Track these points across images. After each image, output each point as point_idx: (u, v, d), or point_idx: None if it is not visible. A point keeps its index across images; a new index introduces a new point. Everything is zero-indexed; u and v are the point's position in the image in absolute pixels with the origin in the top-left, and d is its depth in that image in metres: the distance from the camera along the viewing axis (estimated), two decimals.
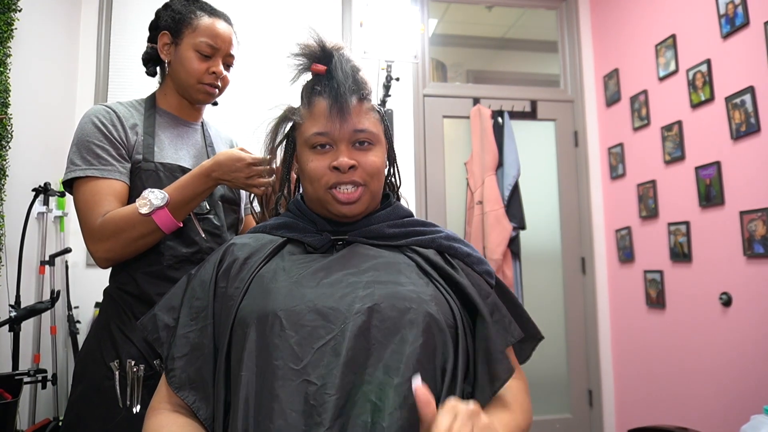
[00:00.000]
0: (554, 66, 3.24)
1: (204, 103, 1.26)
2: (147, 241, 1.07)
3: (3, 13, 1.80)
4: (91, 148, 1.09)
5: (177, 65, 1.19)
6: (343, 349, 0.66)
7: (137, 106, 1.22)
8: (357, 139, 0.84)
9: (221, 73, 1.20)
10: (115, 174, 1.10)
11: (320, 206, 0.87)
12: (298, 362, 0.66)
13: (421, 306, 0.71)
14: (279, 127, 0.92)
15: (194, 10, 1.19)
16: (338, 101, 0.82)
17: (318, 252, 0.83)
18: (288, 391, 0.64)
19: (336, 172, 0.82)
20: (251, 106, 2.52)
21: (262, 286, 0.75)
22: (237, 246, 0.85)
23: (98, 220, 1.05)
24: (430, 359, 0.68)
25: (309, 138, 0.84)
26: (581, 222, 3.02)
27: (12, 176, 1.87)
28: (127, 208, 1.06)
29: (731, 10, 2.11)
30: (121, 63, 2.63)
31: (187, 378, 0.74)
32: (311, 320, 0.69)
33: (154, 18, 1.24)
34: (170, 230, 1.07)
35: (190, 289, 0.82)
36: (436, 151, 2.94)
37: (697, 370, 2.27)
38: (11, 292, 1.89)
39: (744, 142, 2.06)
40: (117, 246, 1.05)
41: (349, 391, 0.64)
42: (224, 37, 1.19)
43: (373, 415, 0.63)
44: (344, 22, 2.87)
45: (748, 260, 2.02)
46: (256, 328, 0.70)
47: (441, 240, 0.87)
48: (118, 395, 1.03)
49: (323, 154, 0.84)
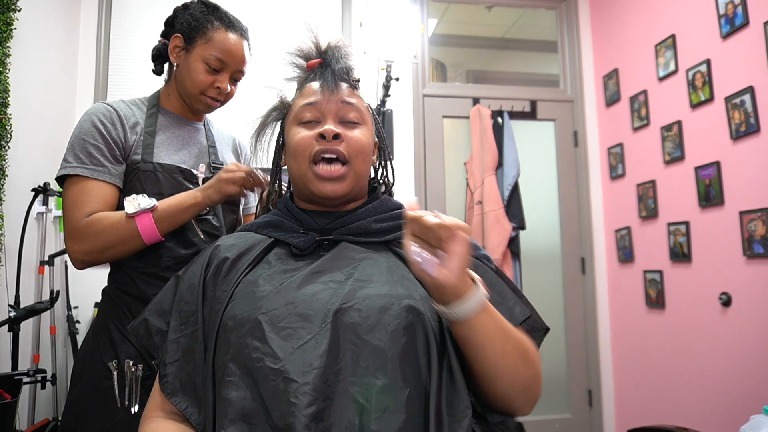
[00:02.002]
0: (554, 66, 3.24)
1: (202, 113, 1.26)
2: (126, 248, 1.06)
3: (3, 13, 1.81)
4: (85, 147, 1.08)
5: (184, 71, 1.18)
6: (324, 348, 0.65)
7: (140, 104, 1.22)
8: (344, 114, 0.85)
9: (226, 89, 1.19)
10: (106, 176, 1.09)
11: (304, 189, 0.85)
12: (278, 361, 0.65)
13: (404, 302, 0.70)
14: (269, 116, 0.93)
15: (212, 20, 1.17)
16: (329, 79, 0.85)
17: (303, 253, 0.82)
18: (271, 393, 0.64)
19: (321, 140, 0.82)
20: (251, 107, 2.52)
21: (247, 290, 0.75)
22: (223, 247, 0.84)
23: (82, 220, 1.04)
24: (414, 356, 0.67)
25: (297, 112, 0.86)
26: (581, 222, 3.02)
27: (11, 176, 1.87)
28: (114, 212, 1.06)
29: (731, 10, 2.11)
30: (121, 63, 2.63)
31: (179, 384, 0.74)
32: (292, 322, 0.69)
33: (172, 15, 1.22)
34: (150, 240, 1.06)
35: (179, 292, 0.82)
36: (436, 151, 2.94)
37: (697, 370, 2.26)
38: (11, 292, 1.89)
39: (744, 142, 2.05)
40: (95, 248, 1.04)
41: (332, 390, 0.64)
42: (236, 54, 1.18)
43: (360, 416, 0.62)
44: (344, 22, 2.87)
45: (747, 260, 2.02)
46: (239, 332, 0.70)
47: None
48: (116, 395, 1.03)
49: (310, 128, 0.84)
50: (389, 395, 0.63)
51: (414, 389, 0.65)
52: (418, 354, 0.67)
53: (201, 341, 0.75)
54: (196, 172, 1.19)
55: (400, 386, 0.64)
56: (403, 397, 0.63)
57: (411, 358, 0.67)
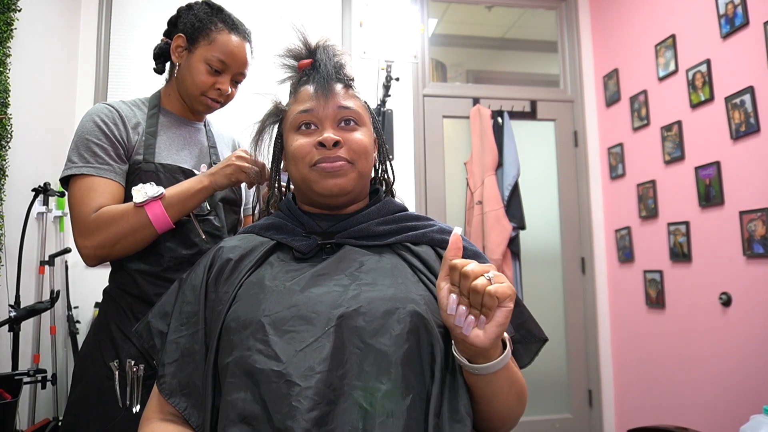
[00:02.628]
0: (554, 66, 3.24)
1: (202, 114, 1.27)
2: (137, 238, 1.04)
3: (3, 13, 1.80)
4: (89, 146, 1.08)
5: (185, 72, 1.18)
6: (327, 352, 0.65)
7: (140, 105, 1.22)
8: (342, 116, 0.84)
9: (227, 91, 1.19)
10: (111, 174, 1.09)
11: (307, 191, 0.84)
12: (280, 364, 0.65)
13: (409, 307, 0.70)
14: (266, 122, 0.93)
15: (215, 22, 1.17)
16: (322, 82, 0.84)
17: (306, 257, 0.81)
18: (273, 395, 0.63)
19: (321, 148, 0.81)
20: (251, 106, 2.52)
21: (250, 293, 0.75)
22: (226, 249, 0.84)
23: (91, 214, 1.04)
24: (418, 361, 0.67)
25: (294, 119, 0.84)
26: (581, 222, 3.02)
27: (12, 176, 1.86)
28: (122, 204, 1.06)
29: (731, 10, 2.11)
30: (121, 63, 2.63)
31: (177, 384, 0.74)
32: (295, 325, 0.68)
33: (176, 15, 1.23)
34: (162, 228, 1.05)
35: (182, 293, 0.82)
36: (436, 151, 2.94)
37: (697, 370, 2.27)
38: (11, 292, 1.88)
39: (744, 142, 2.06)
40: (108, 240, 1.03)
41: (335, 394, 0.63)
42: (238, 56, 1.18)
43: (364, 421, 0.62)
44: (344, 22, 2.87)
45: (747, 260, 2.02)
46: (241, 334, 0.70)
47: (433, 234, 0.84)
48: (118, 395, 1.03)
49: (308, 135, 0.83)
50: (393, 400, 0.63)
51: (417, 394, 0.65)
52: (421, 359, 0.67)
53: (202, 342, 0.75)
54: (198, 173, 1.18)
55: (404, 391, 0.64)
56: (407, 402, 0.63)
57: (414, 362, 0.67)
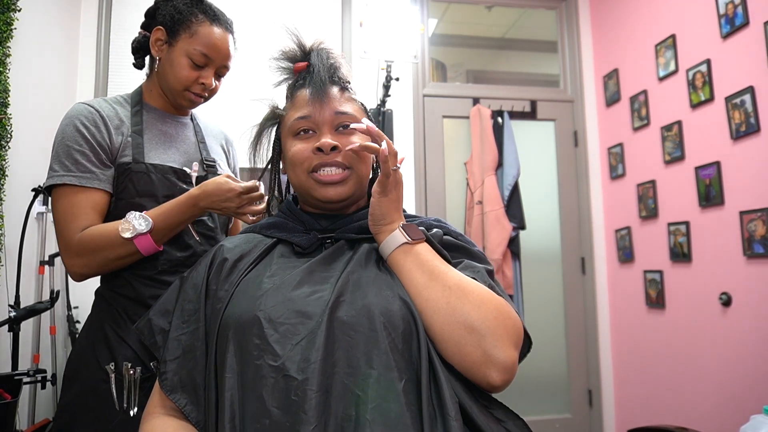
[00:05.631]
0: (554, 66, 3.24)
1: (186, 109, 1.23)
2: (125, 262, 1.05)
3: (3, 13, 1.80)
4: (70, 153, 1.05)
5: (167, 66, 1.13)
6: (320, 343, 0.66)
7: (123, 102, 1.18)
8: (339, 121, 0.84)
9: (211, 85, 1.15)
10: (95, 182, 1.06)
11: (307, 196, 0.85)
12: (277, 359, 0.66)
13: (400, 296, 0.72)
14: (264, 127, 0.93)
15: (196, 13, 1.12)
16: (318, 87, 0.84)
17: (306, 252, 0.83)
18: (270, 389, 0.64)
19: (319, 154, 0.81)
20: (249, 106, 2.52)
21: (248, 289, 0.76)
22: (227, 248, 0.85)
23: (76, 235, 1.03)
24: (408, 348, 0.68)
25: (291, 125, 0.85)
26: (581, 222, 3.02)
27: (11, 176, 1.87)
28: (108, 226, 1.03)
29: (731, 10, 2.11)
30: (121, 63, 2.63)
31: (178, 381, 0.75)
32: (289, 318, 0.69)
33: (153, 6, 1.18)
34: (149, 254, 1.05)
35: (183, 291, 0.83)
36: (436, 151, 2.94)
37: (697, 370, 2.26)
38: (11, 292, 1.88)
39: (744, 142, 2.05)
40: (93, 263, 1.03)
41: (330, 384, 0.65)
42: (221, 48, 1.13)
43: (357, 407, 0.63)
44: (344, 22, 2.87)
45: (747, 260, 2.02)
46: (238, 330, 0.71)
47: (430, 221, 0.88)
48: (114, 398, 1.02)
49: (306, 140, 0.84)
50: (384, 386, 0.64)
51: (408, 379, 0.66)
52: (411, 345, 0.69)
53: (202, 339, 0.76)
54: (190, 171, 1.16)
55: (395, 377, 0.65)
56: (398, 388, 0.64)
57: (405, 349, 0.68)
